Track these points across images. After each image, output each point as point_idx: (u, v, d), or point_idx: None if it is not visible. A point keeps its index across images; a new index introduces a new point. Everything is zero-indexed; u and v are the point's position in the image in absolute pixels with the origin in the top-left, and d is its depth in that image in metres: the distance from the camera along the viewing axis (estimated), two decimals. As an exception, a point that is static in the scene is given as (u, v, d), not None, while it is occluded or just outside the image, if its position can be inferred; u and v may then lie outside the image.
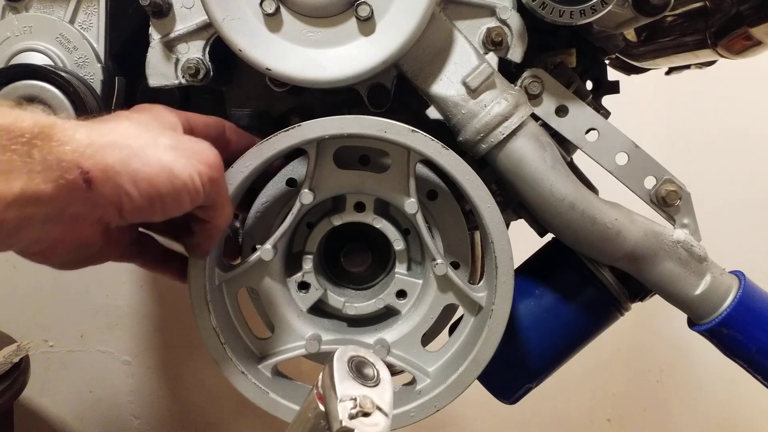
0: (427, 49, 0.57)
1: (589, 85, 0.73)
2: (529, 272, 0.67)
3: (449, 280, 0.59)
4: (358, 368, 0.44)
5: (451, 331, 0.66)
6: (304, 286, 0.62)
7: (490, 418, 1.50)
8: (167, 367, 1.47)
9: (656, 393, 1.52)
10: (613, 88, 0.74)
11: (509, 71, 0.60)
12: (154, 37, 0.59)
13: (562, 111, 0.61)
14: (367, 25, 0.54)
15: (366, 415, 0.41)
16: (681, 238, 0.60)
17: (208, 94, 0.70)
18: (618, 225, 0.58)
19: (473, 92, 0.57)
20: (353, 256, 0.65)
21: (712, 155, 1.41)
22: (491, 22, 0.58)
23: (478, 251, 0.69)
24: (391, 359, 0.61)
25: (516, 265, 0.58)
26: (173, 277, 0.60)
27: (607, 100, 0.74)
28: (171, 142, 0.48)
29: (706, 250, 0.61)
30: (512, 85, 0.59)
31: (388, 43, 0.54)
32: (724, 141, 1.42)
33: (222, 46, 0.56)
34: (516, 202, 0.65)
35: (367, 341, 0.62)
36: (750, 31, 0.64)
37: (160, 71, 0.60)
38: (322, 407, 0.42)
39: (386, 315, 0.64)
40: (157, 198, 0.46)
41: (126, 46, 0.63)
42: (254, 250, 0.60)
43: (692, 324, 0.64)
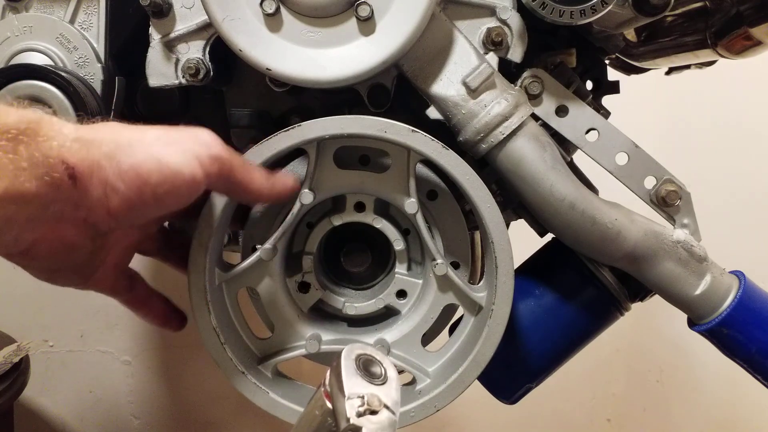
0: (427, 49, 0.57)
1: (589, 85, 0.73)
2: (529, 272, 0.67)
3: (449, 280, 0.59)
4: (366, 366, 0.44)
5: (451, 331, 0.66)
6: (304, 287, 0.62)
7: (490, 418, 1.50)
8: (167, 367, 1.47)
9: (656, 393, 1.52)
10: (613, 88, 0.74)
11: (509, 71, 0.60)
12: (154, 37, 0.59)
13: (562, 111, 0.61)
14: (367, 25, 0.54)
15: (373, 413, 0.41)
16: (681, 238, 0.60)
17: (208, 94, 0.70)
18: (618, 225, 0.58)
19: (473, 92, 0.57)
20: (353, 256, 0.65)
21: (712, 155, 1.41)
22: (491, 22, 0.58)
23: (478, 251, 0.69)
24: (391, 359, 0.61)
25: (516, 265, 0.58)
26: (156, 322, 0.59)
27: (607, 100, 0.74)
28: (159, 134, 0.47)
29: (706, 250, 0.61)
30: (512, 85, 0.59)
31: (388, 43, 0.54)
32: (724, 141, 1.42)
33: (222, 46, 0.56)
34: (516, 202, 0.65)
35: (367, 341, 0.62)
36: (750, 31, 0.64)
37: (160, 71, 0.60)
38: (330, 405, 0.42)
39: (386, 315, 0.64)
40: (146, 188, 0.44)
41: (126, 46, 0.63)
42: (254, 250, 0.60)
43: (692, 324, 0.64)
